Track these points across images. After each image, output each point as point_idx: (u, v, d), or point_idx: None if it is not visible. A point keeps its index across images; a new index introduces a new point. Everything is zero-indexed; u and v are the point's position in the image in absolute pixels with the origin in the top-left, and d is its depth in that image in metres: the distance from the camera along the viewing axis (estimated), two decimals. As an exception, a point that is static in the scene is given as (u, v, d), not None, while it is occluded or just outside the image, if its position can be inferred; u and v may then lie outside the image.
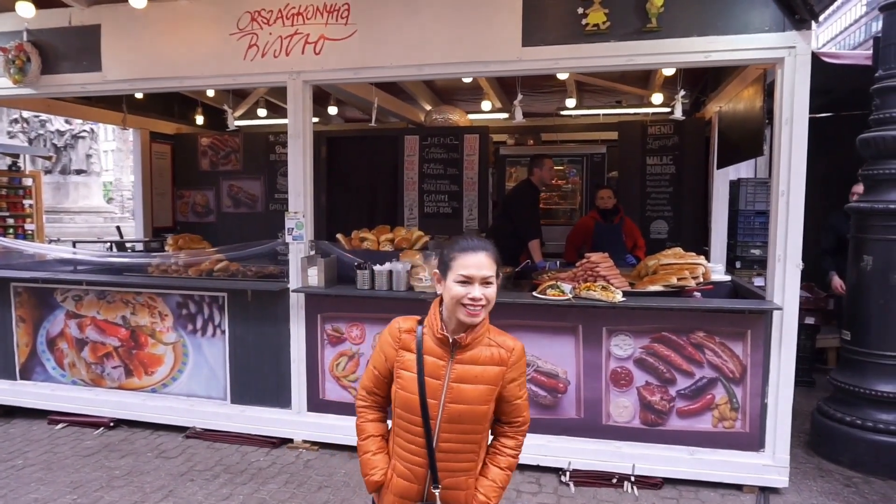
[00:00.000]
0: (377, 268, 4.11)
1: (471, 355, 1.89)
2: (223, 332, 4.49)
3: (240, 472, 3.96)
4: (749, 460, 3.70)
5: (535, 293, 3.84)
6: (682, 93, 4.12)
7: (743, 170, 6.85)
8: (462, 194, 6.82)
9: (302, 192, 4.27)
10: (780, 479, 3.66)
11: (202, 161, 7.56)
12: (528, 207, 5.31)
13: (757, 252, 5.78)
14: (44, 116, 19.08)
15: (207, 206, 7.57)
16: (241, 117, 7.67)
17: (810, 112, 3.41)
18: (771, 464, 3.66)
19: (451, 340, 1.87)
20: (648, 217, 6.38)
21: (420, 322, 1.95)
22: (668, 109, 6.67)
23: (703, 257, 4.18)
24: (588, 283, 3.80)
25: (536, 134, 7.43)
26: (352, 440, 4.35)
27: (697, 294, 4.06)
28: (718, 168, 5.38)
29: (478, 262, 1.79)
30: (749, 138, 4.05)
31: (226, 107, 5.49)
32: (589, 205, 6.56)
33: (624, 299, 3.67)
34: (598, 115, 7.21)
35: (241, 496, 3.65)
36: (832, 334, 5.83)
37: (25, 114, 18.50)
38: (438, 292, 1.88)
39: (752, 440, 3.71)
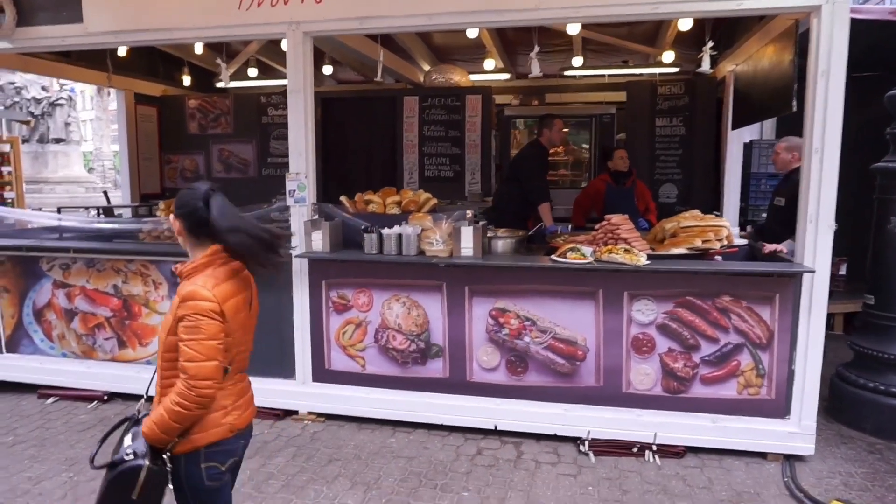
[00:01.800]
0: (385, 231, 3.89)
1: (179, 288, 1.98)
2: (222, 300, 4.25)
3: (244, 445, 3.78)
4: (774, 427, 3.58)
5: (553, 257, 3.65)
6: (710, 43, 3.89)
7: (747, 133, 6.64)
8: (464, 157, 6.58)
9: (304, 151, 4.02)
10: (806, 446, 3.55)
11: (190, 124, 7.23)
12: (537, 169, 5.09)
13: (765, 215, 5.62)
14: (19, 82, 18.39)
15: (197, 172, 7.26)
16: (230, 78, 7.31)
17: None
18: (797, 431, 3.55)
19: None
20: (657, 180, 6.19)
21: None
22: (676, 69, 6.45)
23: (724, 219, 4.00)
24: (609, 246, 3.62)
25: (541, 95, 7.16)
26: (360, 411, 4.24)
27: (719, 257, 3.89)
28: (734, 128, 5.18)
29: None
30: (776, 95, 3.85)
31: (219, 61, 5.14)
32: (598, 167, 6.35)
33: (648, 262, 3.49)
34: (604, 75, 6.95)
35: (247, 470, 3.47)
36: (840, 300, 5.73)
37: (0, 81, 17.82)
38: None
39: (778, 407, 3.59)
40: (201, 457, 1.96)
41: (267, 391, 4.18)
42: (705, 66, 3.89)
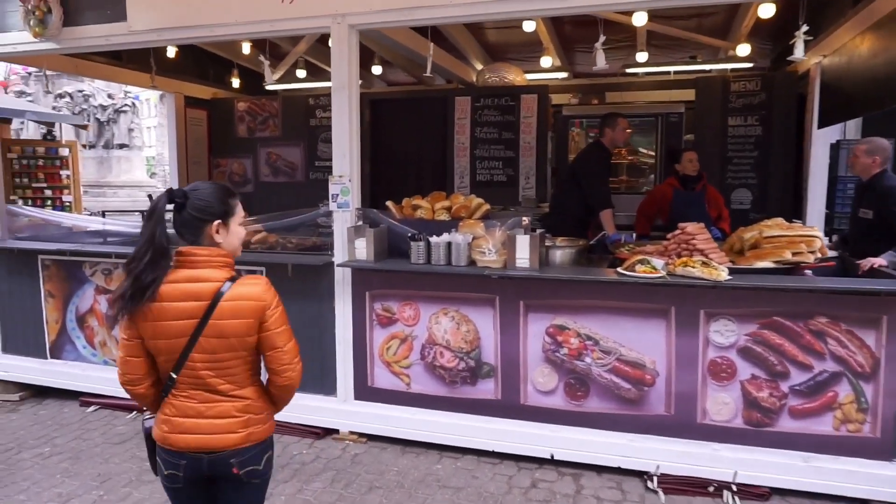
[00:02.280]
0: (434, 239, 3.59)
1: None
2: (262, 310, 4.04)
3: (281, 466, 3.55)
4: (878, 471, 3.09)
5: (620, 270, 3.27)
6: (805, 28, 3.43)
7: (831, 134, 6.03)
8: (518, 161, 6.23)
9: (348, 152, 3.77)
10: (918, 493, 3.05)
11: (239, 127, 7.14)
12: (599, 173, 4.69)
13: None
14: (87, 90, 19.05)
15: (245, 175, 7.17)
16: (278, 81, 7.19)
17: None
18: (906, 476, 3.06)
19: None
20: (729, 185, 5.67)
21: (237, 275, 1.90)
22: (750, 64, 5.94)
23: (815, 228, 3.53)
24: (684, 259, 3.21)
25: (601, 93, 6.73)
26: (405, 433, 3.95)
27: (808, 272, 3.43)
28: (821, 127, 4.66)
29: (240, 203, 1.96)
30: (882, 86, 3.36)
31: (261, 58, 4.95)
32: (664, 171, 5.89)
33: (730, 277, 3.07)
34: (670, 72, 6.48)
35: (282, 496, 3.23)
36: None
37: (69, 88, 18.50)
38: (219, 241, 1.87)
39: (884, 447, 3.10)
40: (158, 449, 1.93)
41: (307, 408, 3.98)
42: (798, 53, 3.43)
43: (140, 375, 1.88)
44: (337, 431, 3.96)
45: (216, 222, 1.85)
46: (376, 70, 6.74)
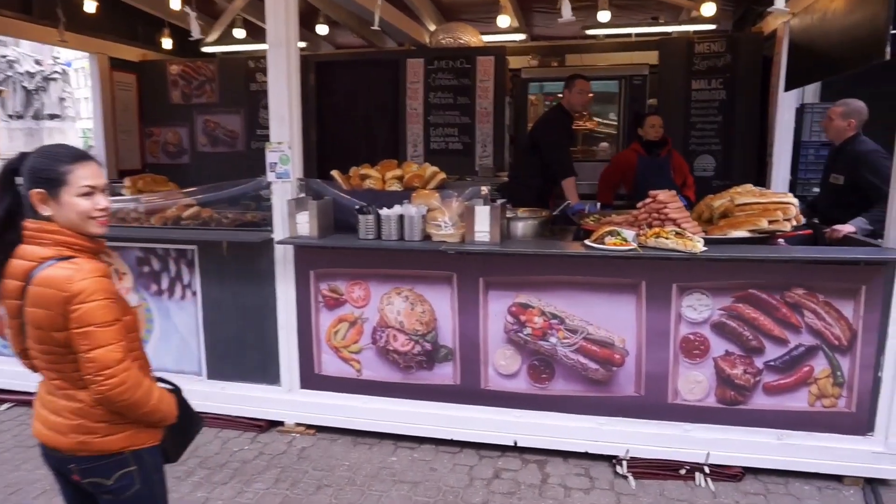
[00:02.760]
0: (384, 212, 3.25)
1: None
2: (194, 293, 3.65)
3: (219, 466, 3.21)
4: (853, 446, 2.97)
5: (588, 242, 3.01)
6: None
7: (792, 98, 5.89)
8: (474, 127, 5.90)
9: (287, 116, 3.37)
10: (893, 468, 2.94)
11: (173, 92, 6.57)
12: (560, 139, 4.41)
13: (815, 191, 4.93)
14: (11, 55, 17.69)
15: (180, 145, 6.63)
16: (215, 42, 6.65)
17: None
18: (882, 451, 2.94)
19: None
20: (692, 151, 5.48)
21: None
22: (713, 26, 5.72)
23: (789, 195, 3.34)
24: (657, 229, 2.97)
25: (561, 56, 6.43)
26: (357, 423, 3.64)
27: (781, 241, 3.25)
28: (788, 89, 4.48)
29: (96, 171, 1.67)
30: (858, 44, 3.16)
31: (187, 9, 4.44)
32: (627, 136, 5.65)
33: (705, 249, 2.84)
34: (631, 35, 6.21)
35: (219, 502, 2.89)
36: None
37: (-10, 54, 17.14)
38: (46, 214, 1.61)
39: (859, 422, 2.97)
40: None
41: (249, 398, 3.64)
42: (779, 3, 3.19)
43: (21, 349, 1.71)
44: (282, 423, 3.63)
45: (37, 192, 1.60)
46: (321, 30, 6.26)
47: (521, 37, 6.40)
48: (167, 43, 6.30)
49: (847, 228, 3.43)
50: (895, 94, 4.56)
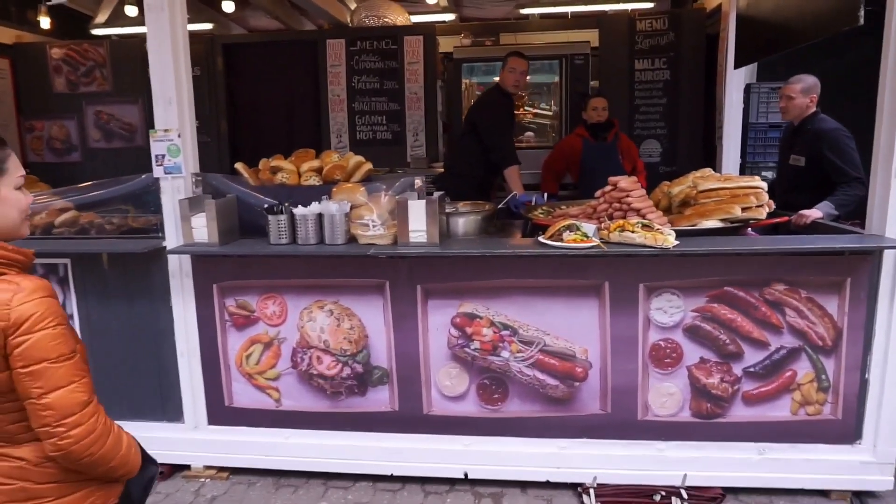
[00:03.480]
0: (299, 211, 2.70)
1: None
2: (70, 316, 2.99)
3: (103, 533, 2.58)
4: (840, 456, 2.67)
5: (542, 239, 2.57)
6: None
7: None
8: (404, 114, 5.39)
9: (174, 98, 2.76)
10: (883, 479, 2.65)
11: (56, 80, 5.72)
12: (500, 122, 3.97)
13: (769, 175, 4.73)
14: None
15: (68, 141, 5.79)
16: (105, 24, 5.84)
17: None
18: (870, 460, 2.65)
19: None
20: (637, 136, 5.17)
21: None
22: (651, 4, 5.43)
23: (756, 178, 3.01)
24: (620, 222, 2.56)
25: (495, 35, 5.98)
26: (278, 462, 3.05)
27: (750, 231, 2.92)
28: (738, 66, 4.20)
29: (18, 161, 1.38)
30: (827, 12, 2.85)
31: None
32: (570, 120, 5.28)
33: (678, 242, 2.45)
34: (567, 13, 5.85)
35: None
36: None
37: None
38: None
39: (846, 430, 2.67)
40: None
41: (144, 440, 2.98)
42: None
43: None
44: (188, 467, 3.03)
45: None
46: (227, 7, 5.57)
47: (450, 17, 5.92)
48: (45, 22, 5.45)
49: (815, 214, 3.14)
50: (836, 71, 4.39)
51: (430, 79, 5.34)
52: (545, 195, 3.82)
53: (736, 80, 4.51)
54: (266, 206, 2.75)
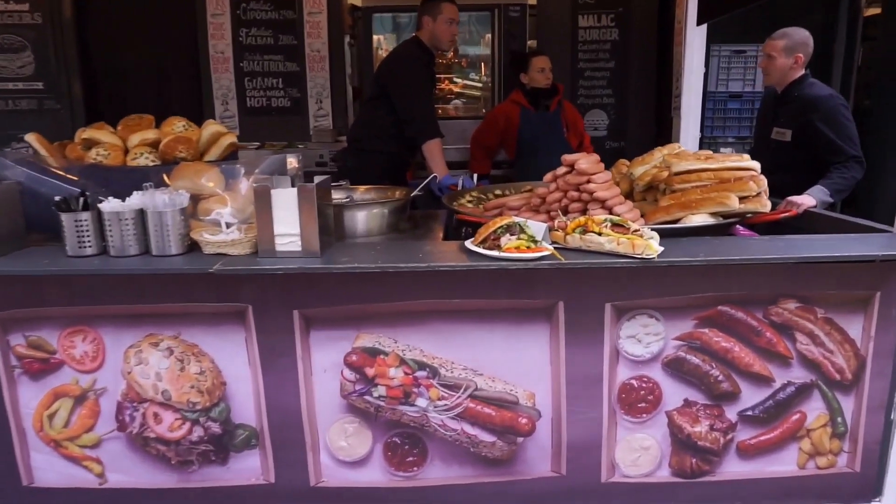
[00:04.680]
0: (108, 206, 1.80)
1: None
2: None
3: None
4: (856, 519, 2.06)
5: (472, 245, 1.78)
6: None
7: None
8: (305, 77, 4.46)
9: None
10: (907, 545, 2.06)
11: None
12: (418, 83, 3.13)
13: (728, 151, 4.15)
14: None
15: None
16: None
17: None
18: (893, 522, 2.05)
19: None
20: (581, 105, 4.45)
21: None
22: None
23: (745, 157, 2.33)
24: (582, 219, 1.80)
25: (412, -17, 5.11)
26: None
27: (741, 229, 2.25)
28: (701, 22, 3.54)
29: None
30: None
31: None
32: (504, 85, 4.49)
33: (662, 248, 1.72)
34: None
35: None
36: None
37: None
38: None
39: (864, 485, 2.07)
40: None
41: None
42: None
43: None
44: (-29, 575, 2.11)
45: None
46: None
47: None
48: None
49: (807, 201, 2.51)
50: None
51: (336, 34, 4.42)
52: (475, 177, 3.04)
53: (698, 40, 3.83)
54: (58, 198, 1.82)
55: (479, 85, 5.14)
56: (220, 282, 1.86)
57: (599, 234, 1.73)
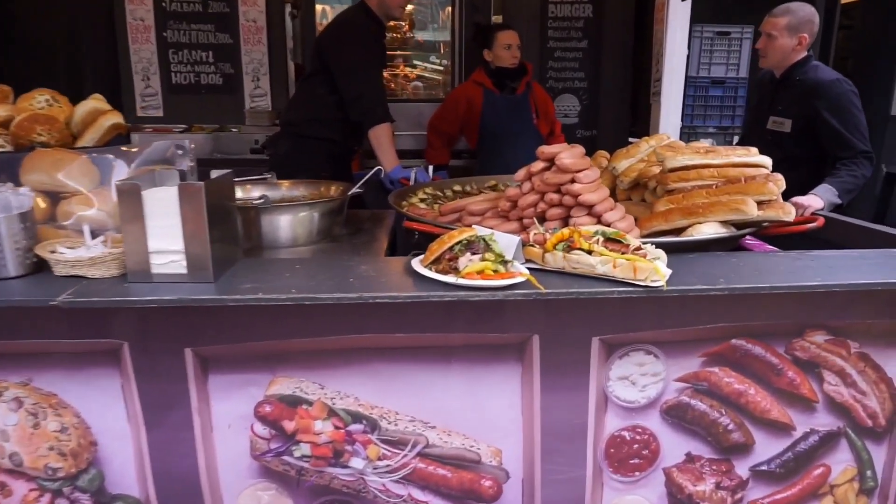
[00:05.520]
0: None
1: None
2: None
3: None
4: (881, 589, 1.72)
5: (422, 267, 1.34)
6: None
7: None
8: (240, 50, 3.93)
9: None
10: None
11: None
12: (365, 56, 2.65)
13: (709, 142, 3.80)
14: None
15: None
16: None
17: None
18: (923, 591, 1.72)
19: None
20: (550, 89, 4.03)
21: None
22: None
23: (752, 150, 1.94)
24: (566, 231, 1.37)
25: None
26: None
27: (752, 241, 1.89)
28: (686, -4, 3.18)
29: None
30: None
31: None
32: (466, 65, 4.03)
33: (670, 272, 1.32)
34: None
35: None
36: None
37: None
38: None
39: (893, 548, 1.72)
40: None
41: None
42: None
43: None
44: None
45: None
46: None
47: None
48: None
49: (814, 203, 2.16)
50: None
51: (275, 2, 3.89)
52: (430, 168, 2.60)
53: (681, 18, 3.45)
54: None
55: (440, 68, 4.69)
56: (81, 312, 1.38)
57: (589, 251, 1.31)
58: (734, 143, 3.91)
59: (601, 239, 1.34)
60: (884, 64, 4.30)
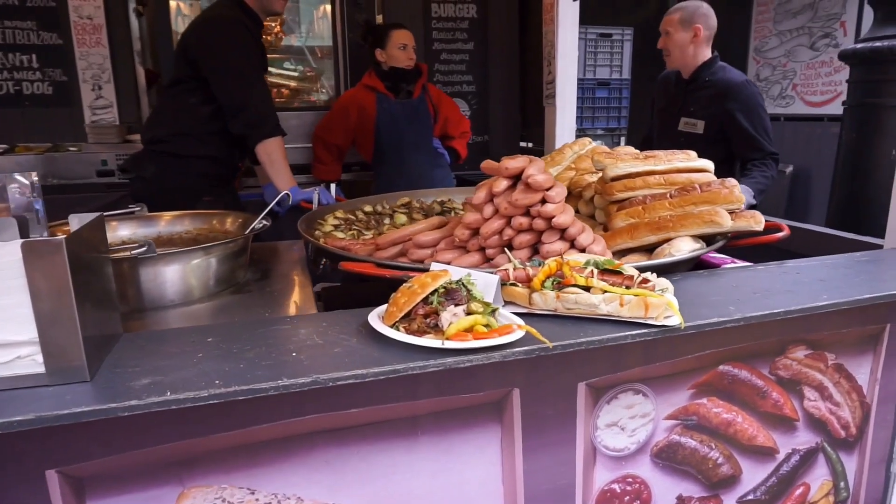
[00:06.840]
0: None
1: None
2: None
3: None
4: None
5: (387, 328, 1.03)
6: None
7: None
8: (73, 53, 3.28)
9: None
10: None
11: None
12: (244, 59, 2.23)
13: (598, 143, 3.78)
14: None
15: None
16: None
17: None
18: (890, 591, 1.70)
19: None
20: (438, 94, 3.82)
21: None
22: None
23: (693, 153, 1.84)
24: (558, 262, 1.13)
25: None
26: None
27: (715, 255, 1.79)
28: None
29: None
30: None
31: None
32: (351, 66, 3.68)
33: (675, 299, 1.12)
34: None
35: None
36: None
37: None
38: None
39: (863, 554, 1.68)
40: None
41: None
42: None
43: None
44: None
45: None
46: None
47: None
48: None
49: None
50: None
51: (115, -5, 3.31)
52: (333, 187, 2.25)
53: (570, 18, 3.38)
54: None
55: (312, 74, 4.29)
56: None
57: (587, 287, 1.08)
58: (622, 144, 3.94)
59: (594, 270, 1.11)
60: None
